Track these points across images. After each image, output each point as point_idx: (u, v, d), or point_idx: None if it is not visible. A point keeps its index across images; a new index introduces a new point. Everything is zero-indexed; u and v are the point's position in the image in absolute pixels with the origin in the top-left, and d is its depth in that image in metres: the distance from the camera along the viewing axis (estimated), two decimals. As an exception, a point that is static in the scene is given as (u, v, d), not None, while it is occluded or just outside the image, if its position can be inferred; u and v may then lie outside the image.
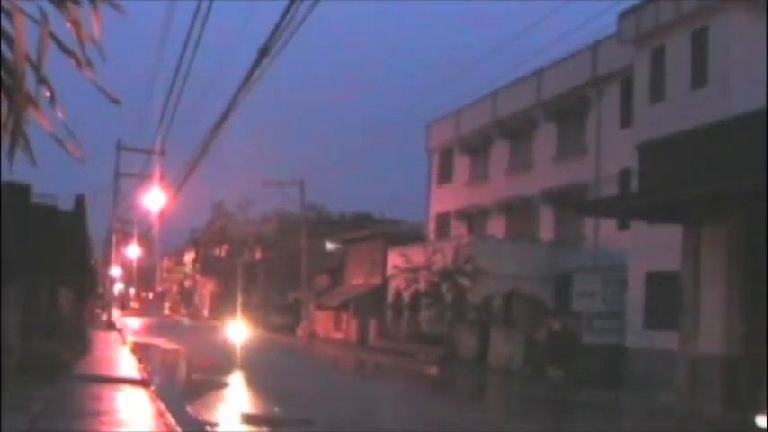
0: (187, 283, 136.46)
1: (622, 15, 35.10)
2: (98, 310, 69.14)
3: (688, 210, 26.03)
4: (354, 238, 66.59)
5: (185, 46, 18.63)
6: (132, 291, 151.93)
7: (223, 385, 26.33)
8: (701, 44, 31.28)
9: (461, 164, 54.81)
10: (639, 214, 29.68)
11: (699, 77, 31.19)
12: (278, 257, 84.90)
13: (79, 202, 30.25)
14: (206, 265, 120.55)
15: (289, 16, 13.02)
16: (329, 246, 75.42)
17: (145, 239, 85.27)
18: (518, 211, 47.87)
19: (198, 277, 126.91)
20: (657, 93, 32.98)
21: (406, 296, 50.57)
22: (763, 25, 30.43)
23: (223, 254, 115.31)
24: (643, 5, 33.93)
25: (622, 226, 35.66)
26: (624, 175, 36.08)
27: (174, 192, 39.63)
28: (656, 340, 29.73)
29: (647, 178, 27.39)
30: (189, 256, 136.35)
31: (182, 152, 51.88)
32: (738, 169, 22.43)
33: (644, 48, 34.02)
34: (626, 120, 37.68)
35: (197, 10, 16.19)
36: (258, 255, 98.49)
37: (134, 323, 77.50)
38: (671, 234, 27.34)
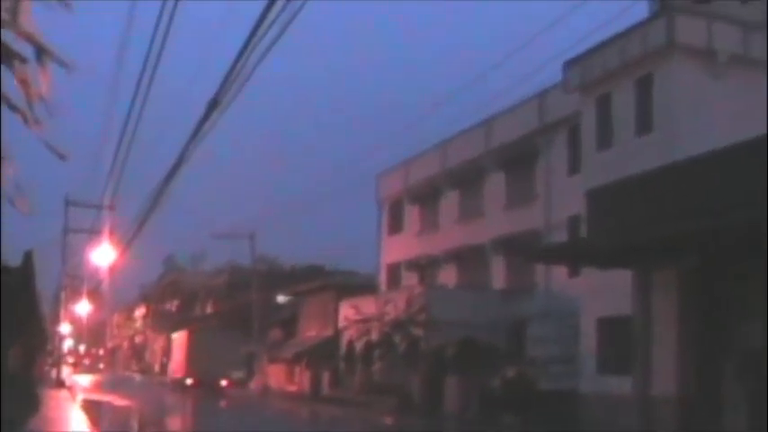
0: (138, 339, 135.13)
1: (568, 64, 35.50)
2: (47, 368, 68.21)
3: (638, 254, 26.25)
4: (306, 289, 66.35)
5: (135, 97, 18.58)
6: (82, 347, 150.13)
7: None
8: (646, 91, 31.71)
9: (412, 214, 54.93)
10: (590, 260, 29.88)
11: (644, 124, 31.58)
12: (230, 310, 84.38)
13: (28, 257, 29.88)
14: (157, 320, 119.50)
15: (238, 67, 13.04)
16: (281, 298, 75.03)
17: (95, 295, 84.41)
18: (469, 260, 47.93)
19: (149, 332, 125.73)
20: (604, 139, 33.33)
21: (358, 347, 50.41)
22: (705, 72, 31.01)
23: (174, 308, 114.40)
24: (588, 54, 34.35)
25: (573, 272, 35.85)
26: (574, 222, 36.33)
27: (125, 246, 39.36)
28: (611, 384, 29.83)
29: (597, 224, 27.62)
30: (139, 312, 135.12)
31: (132, 206, 51.51)
32: (686, 212, 22.68)
33: (590, 95, 34.42)
34: (574, 166, 38.01)
35: (146, 61, 16.18)
36: (210, 308, 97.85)
37: (84, 380, 76.61)
38: (622, 279, 27.53)
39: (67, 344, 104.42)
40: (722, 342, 24.17)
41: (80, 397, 44.75)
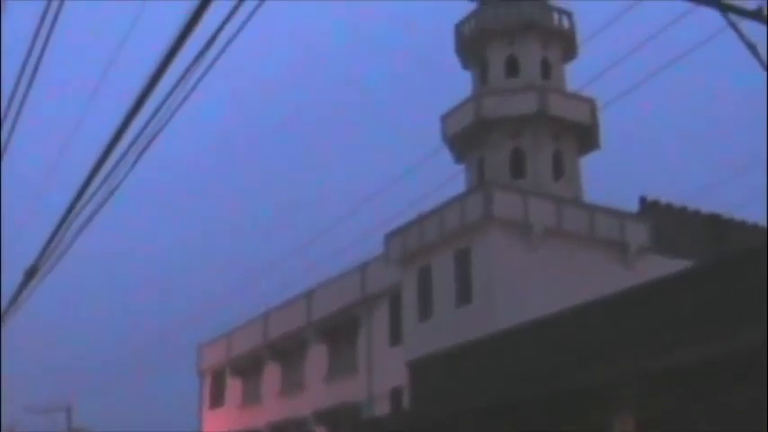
0: None
1: (389, 236, 36.10)
2: None
3: (459, 425, 26.30)
4: (123, 466, 64.27)
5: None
6: None
7: None
8: (465, 263, 32.39)
9: (233, 386, 54.04)
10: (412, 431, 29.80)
11: (464, 295, 32.15)
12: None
13: None
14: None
15: (58, 236, 12.82)
16: (97, 474, 72.32)
17: None
18: (292, 433, 47.30)
19: None
20: (425, 310, 33.75)
21: None
22: (521, 244, 31.98)
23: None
24: (408, 226, 35.02)
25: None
26: (396, 393, 36.31)
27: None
28: None
29: (419, 395, 27.66)
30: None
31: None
32: (506, 382, 22.96)
33: (410, 267, 34.94)
34: (396, 338, 38.20)
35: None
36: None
37: None
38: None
39: None
40: None
41: None
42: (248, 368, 52.46)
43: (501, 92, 38.73)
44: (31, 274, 14.55)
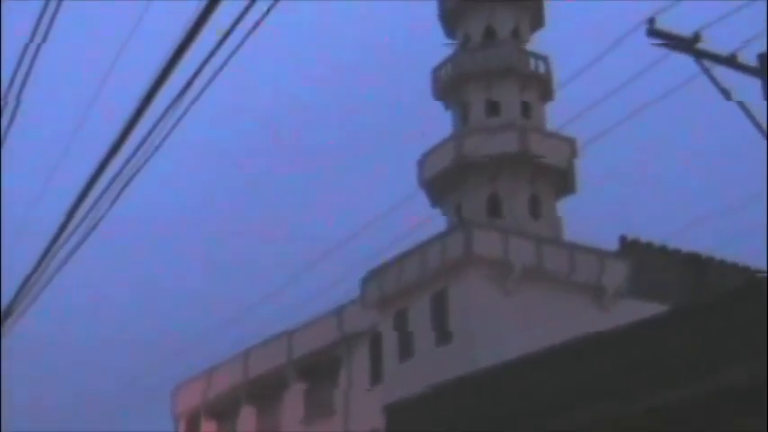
0: None
1: (365, 279, 35.99)
2: None
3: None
4: None
5: None
6: None
7: None
8: (442, 304, 32.38)
9: (208, 429, 53.42)
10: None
11: (443, 335, 32.10)
12: None
13: None
14: None
15: (34, 278, 12.69)
16: None
17: None
18: (267, 476, 46.75)
19: None
20: (405, 351, 33.63)
21: None
22: (501, 284, 32.03)
23: None
24: (385, 269, 34.96)
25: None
26: (374, 436, 36.10)
27: None
28: None
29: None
30: None
31: None
32: (487, 422, 22.86)
33: (388, 309, 34.82)
34: (376, 378, 37.94)
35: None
36: None
37: None
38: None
39: None
40: None
41: None
42: (224, 410, 51.96)
43: (481, 131, 38.95)
44: (5, 316, 14.34)
